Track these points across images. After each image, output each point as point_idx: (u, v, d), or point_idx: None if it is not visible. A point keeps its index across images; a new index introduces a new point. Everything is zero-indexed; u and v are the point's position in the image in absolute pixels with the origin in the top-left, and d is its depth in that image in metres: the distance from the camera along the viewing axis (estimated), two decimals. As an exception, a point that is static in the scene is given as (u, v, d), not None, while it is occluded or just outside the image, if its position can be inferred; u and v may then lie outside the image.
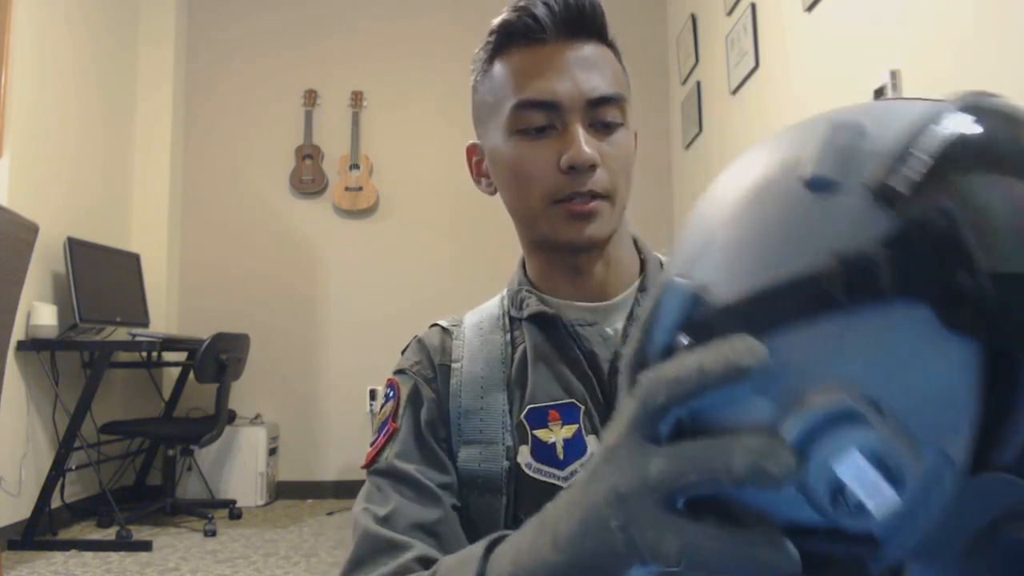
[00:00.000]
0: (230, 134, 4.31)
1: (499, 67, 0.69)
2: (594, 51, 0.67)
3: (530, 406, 0.67)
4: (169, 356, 3.87)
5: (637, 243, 0.77)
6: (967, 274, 0.28)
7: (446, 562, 0.51)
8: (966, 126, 0.31)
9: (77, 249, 3.32)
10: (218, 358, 3.38)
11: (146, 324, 3.75)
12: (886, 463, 0.28)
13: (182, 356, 3.82)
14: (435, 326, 0.77)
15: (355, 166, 4.26)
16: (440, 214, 4.26)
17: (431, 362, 0.72)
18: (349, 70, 4.35)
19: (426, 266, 4.22)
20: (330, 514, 3.66)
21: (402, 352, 0.76)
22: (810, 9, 2.47)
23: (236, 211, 4.26)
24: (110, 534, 3.10)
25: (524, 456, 0.66)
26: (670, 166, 4.35)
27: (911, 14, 1.91)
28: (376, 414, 0.74)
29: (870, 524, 0.29)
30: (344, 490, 3.99)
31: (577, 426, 0.66)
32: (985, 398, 0.29)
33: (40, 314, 3.13)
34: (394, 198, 4.30)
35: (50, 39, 3.33)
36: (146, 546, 2.96)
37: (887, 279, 0.28)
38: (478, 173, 0.77)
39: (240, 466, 3.80)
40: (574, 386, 0.68)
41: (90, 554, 2.91)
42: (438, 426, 0.69)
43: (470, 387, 0.70)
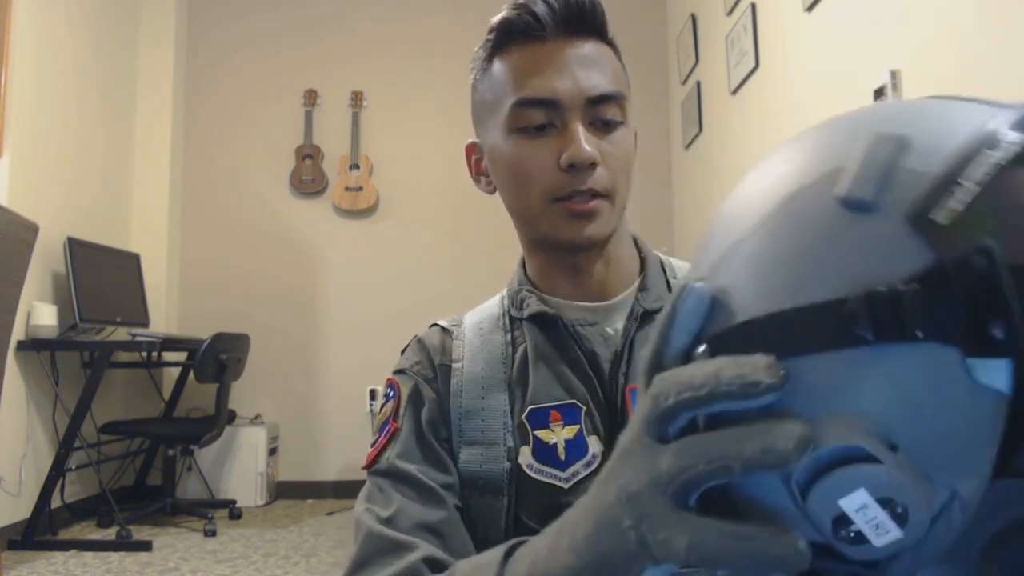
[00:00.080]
0: (230, 134, 4.31)
1: (498, 65, 0.69)
2: (594, 49, 0.67)
3: (531, 407, 0.67)
4: (169, 356, 3.87)
5: (637, 242, 0.76)
6: (1002, 323, 0.26)
7: (461, 568, 0.50)
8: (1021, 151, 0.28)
9: (77, 249, 3.31)
10: (218, 358, 3.38)
11: (146, 324, 3.74)
12: (893, 503, 0.27)
13: (182, 356, 3.82)
14: (435, 326, 0.76)
15: (355, 166, 4.26)
16: (440, 214, 4.26)
17: (431, 362, 0.72)
18: (349, 70, 4.35)
19: (426, 266, 4.22)
20: (330, 514, 3.65)
21: (402, 352, 0.75)
22: (810, 9, 2.46)
23: (236, 211, 4.26)
24: (110, 534, 3.09)
25: (525, 457, 0.65)
26: (670, 166, 4.35)
27: (911, 14, 1.91)
28: (376, 414, 0.74)
29: (871, 554, 0.28)
30: (344, 490, 3.98)
31: (578, 427, 0.65)
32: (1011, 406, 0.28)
33: (40, 314, 3.13)
34: (394, 198, 4.29)
35: (50, 39, 3.33)
36: (146, 546, 2.96)
37: (916, 320, 0.27)
38: (477, 172, 0.76)
39: (240, 466, 3.80)
40: (575, 386, 0.67)
41: (90, 554, 2.90)
42: (439, 426, 0.69)
43: (471, 387, 0.69)
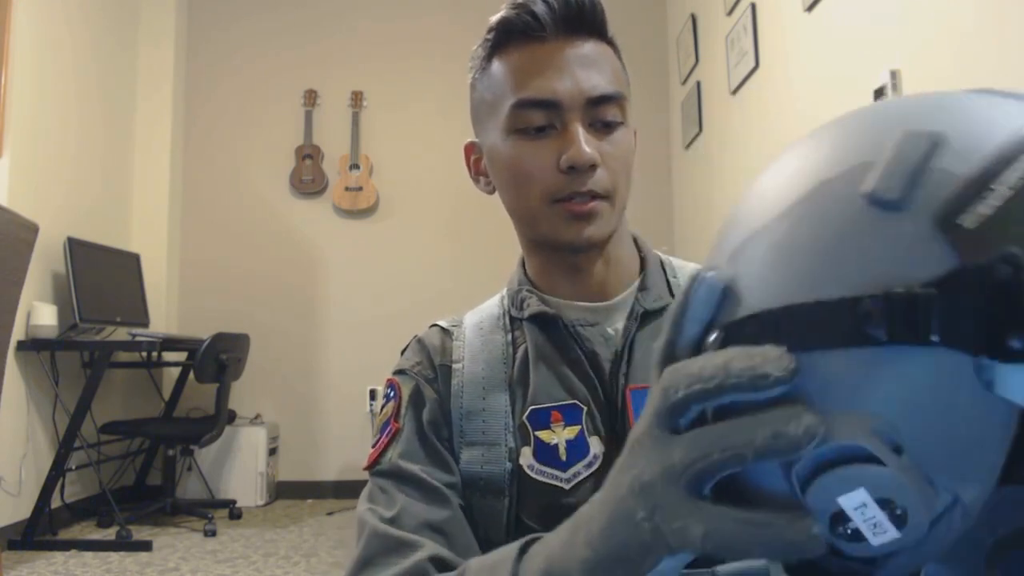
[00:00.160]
0: (230, 134, 4.31)
1: (497, 65, 0.68)
2: (594, 49, 0.67)
3: (532, 407, 0.67)
4: (169, 356, 3.87)
5: (637, 241, 0.76)
6: (1022, 334, 0.25)
7: (473, 566, 0.50)
8: None
9: (77, 249, 3.31)
10: (218, 358, 3.38)
11: (146, 324, 3.74)
12: (893, 504, 0.27)
13: (182, 356, 3.82)
14: (435, 326, 0.76)
15: (355, 166, 4.26)
16: (440, 214, 4.26)
17: (431, 362, 0.72)
18: (349, 70, 4.35)
19: (426, 266, 4.22)
20: (330, 514, 3.65)
21: (402, 352, 0.75)
22: (810, 9, 2.46)
23: (236, 211, 4.26)
24: (110, 534, 3.09)
25: (526, 458, 0.65)
26: (670, 166, 4.35)
27: (911, 14, 1.91)
28: (376, 415, 0.73)
29: (868, 551, 0.28)
30: (344, 490, 3.98)
31: (579, 427, 0.65)
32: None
33: (40, 314, 3.13)
34: (394, 198, 4.29)
35: (50, 39, 3.33)
36: (146, 546, 2.96)
37: (933, 325, 0.26)
38: (476, 172, 0.76)
39: (240, 466, 3.80)
40: (576, 387, 0.67)
41: (90, 554, 2.90)
42: (441, 426, 0.68)
43: (472, 388, 0.69)
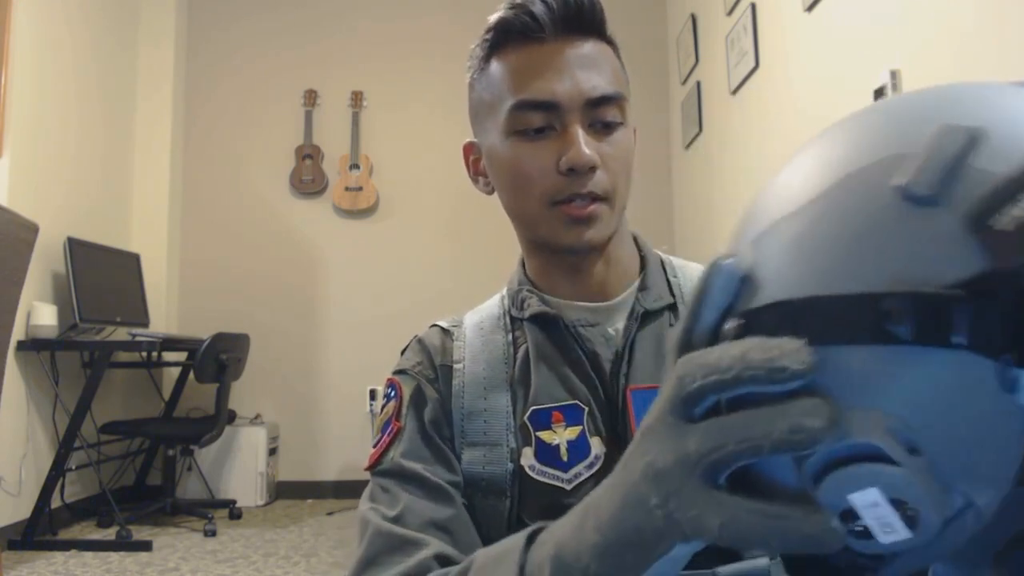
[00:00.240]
0: (230, 134, 4.31)
1: (496, 66, 0.68)
2: (593, 49, 0.66)
3: (533, 407, 0.67)
4: (169, 356, 3.87)
5: (637, 241, 0.76)
6: None
7: (480, 556, 0.49)
8: None
9: (77, 249, 3.31)
10: (218, 358, 3.38)
11: (146, 324, 3.74)
12: (905, 505, 0.27)
13: (182, 356, 3.82)
14: (435, 327, 0.76)
15: (355, 166, 4.26)
16: (440, 214, 4.26)
17: (432, 363, 0.71)
18: (349, 70, 4.35)
19: (426, 266, 4.22)
20: (330, 514, 3.65)
21: (402, 353, 0.75)
22: (810, 9, 2.46)
23: (236, 211, 4.26)
24: (110, 534, 3.09)
25: (527, 458, 0.65)
26: (670, 166, 4.35)
27: (911, 14, 1.91)
28: (377, 415, 0.73)
29: (876, 549, 0.28)
30: (344, 490, 3.98)
31: (581, 428, 0.65)
32: None
33: (40, 314, 3.13)
34: (394, 198, 4.29)
35: (50, 39, 3.33)
36: (146, 546, 2.96)
37: (958, 328, 0.25)
38: (476, 172, 0.75)
39: (240, 466, 3.80)
40: (577, 387, 0.67)
41: (90, 554, 2.90)
42: (442, 426, 0.68)
43: (472, 388, 0.69)
